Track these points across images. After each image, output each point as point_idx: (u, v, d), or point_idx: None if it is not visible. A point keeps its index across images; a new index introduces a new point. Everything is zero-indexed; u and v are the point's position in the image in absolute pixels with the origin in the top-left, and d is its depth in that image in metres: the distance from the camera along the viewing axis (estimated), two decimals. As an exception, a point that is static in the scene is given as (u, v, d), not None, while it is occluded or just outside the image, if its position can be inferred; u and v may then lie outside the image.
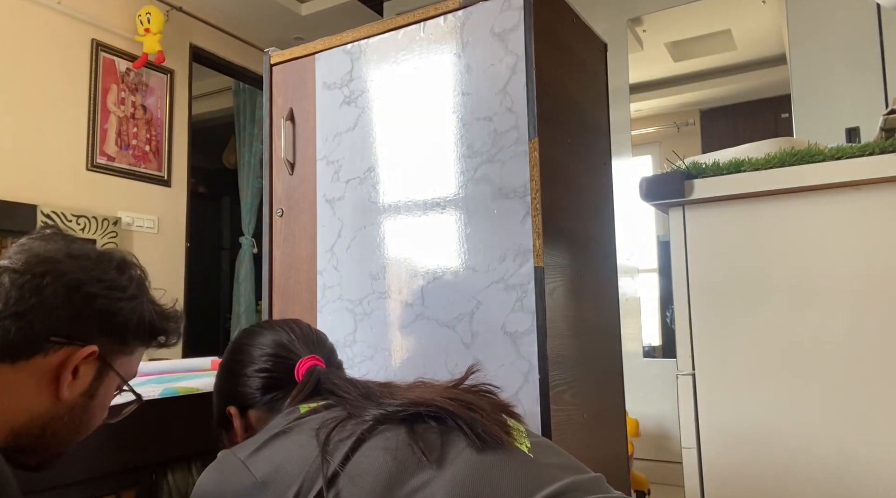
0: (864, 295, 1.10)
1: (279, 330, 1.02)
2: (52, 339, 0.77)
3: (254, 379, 0.97)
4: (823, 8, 2.69)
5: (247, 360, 0.99)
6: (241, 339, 1.04)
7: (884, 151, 1.08)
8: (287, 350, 0.99)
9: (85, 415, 0.83)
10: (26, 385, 0.76)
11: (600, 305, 1.42)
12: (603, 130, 1.52)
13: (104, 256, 0.86)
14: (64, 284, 0.78)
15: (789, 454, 1.13)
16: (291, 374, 0.95)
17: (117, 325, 0.82)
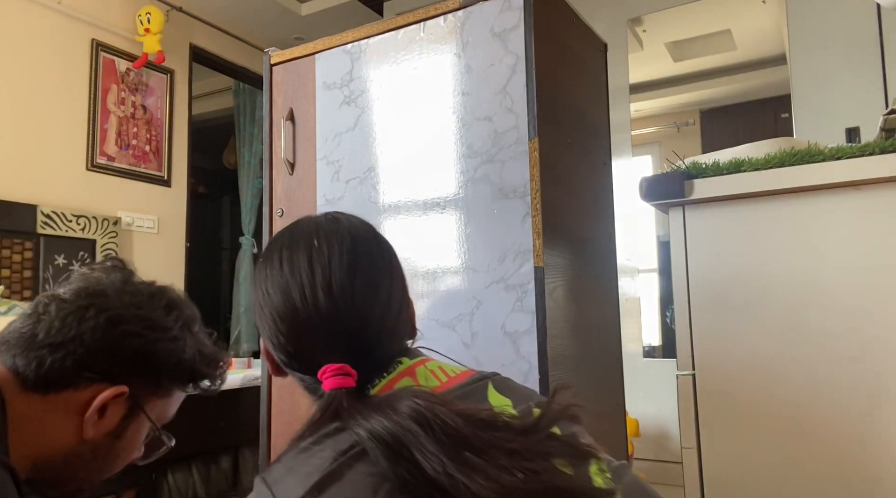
0: (864, 294, 1.10)
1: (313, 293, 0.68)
2: (84, 374, 0.75)
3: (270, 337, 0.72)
4: (823, 8, 2.69)
5: (260, 311, 0.73)
6: (267, 264, 0.74)
7: (884, 151, 1.08)
8: (303, 336, 0.69)
9: (109, 455, 0.80)
10: (54, 418, 0.75)
11: (600, 305, 1.42)
12: (603, 130, 1.52)
13: (156, 294, 0.83)
14: (105, 319, 0.76)
15: (789, 454, 1.13)
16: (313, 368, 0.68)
17: (152, 366, 0.79)
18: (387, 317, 0.72)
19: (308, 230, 0.74)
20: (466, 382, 0.70)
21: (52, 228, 2.82)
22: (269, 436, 1.47)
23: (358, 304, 0.69)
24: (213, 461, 2.24)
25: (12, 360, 0.75)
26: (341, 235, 0.73)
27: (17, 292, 2.71)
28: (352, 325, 0.69)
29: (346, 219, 0.77)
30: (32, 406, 0.74)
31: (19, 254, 2.72)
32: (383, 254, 0.76)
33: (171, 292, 0.86)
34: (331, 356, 0.67)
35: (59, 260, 2.84)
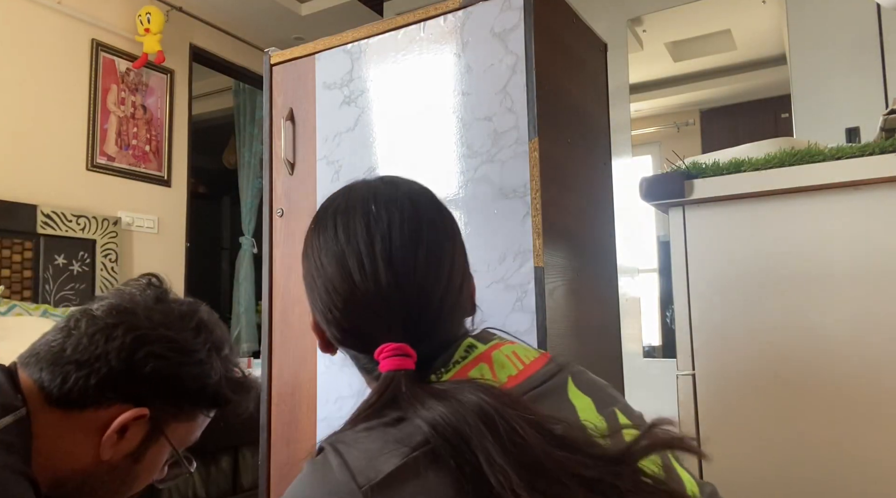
0: (865, 295, 1.10)
1: (373, 264, 0.63)
2: (106, 394, 0.74)
3: (324, 316, 0.67)
4: (823, 8, 2.69)
5: (311, 281, 0.67)
6: (319, 230, 0.68)
7: (884, 151, 1.08)
8: (360, 310, 0.63)
9: (127, 477, 0.79)
10: (74, 436, 0.74)
11: (600, 305, 1.42)
12: (603, 130, 1.52)
13: (186, 315, 0.81)
14: (132, 339, 0.75)
15: (789, 454, 1.13)
16: (369, 346, 0.63)
17: (175, 389, 0.78)
18: (449, 292, 0.65)
19: (364, 195, 0.68)
20: (543, 373, 0.64)
21: (52, 228, 2.82)
22: (269, 436, 1.47)
23: (420, 276, 0.63)
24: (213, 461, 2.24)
25: (39, 373, 0.75)
26: (401, 202, 0.66)
27: (17, 292, 2.71)
28: (413, 300, 0.63)
29: (404, 183, 0.71)
30: (54, 422, 0.73)
31: (19, 254, 2.72)
32: (445, 222, 0.69)
33: (202, 313, 0.84)
34: (389, 334, 0.61)
35: (59, 260, 2.84)
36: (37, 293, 2.76)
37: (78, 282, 2.91)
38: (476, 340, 0.66)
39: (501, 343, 0.67)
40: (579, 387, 0.65)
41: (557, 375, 0.65)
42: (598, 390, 0.66)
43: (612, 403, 0.66)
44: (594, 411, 0.62)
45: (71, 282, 2.89)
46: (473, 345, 0.65)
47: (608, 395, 0.67)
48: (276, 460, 1.46)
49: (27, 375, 0.75)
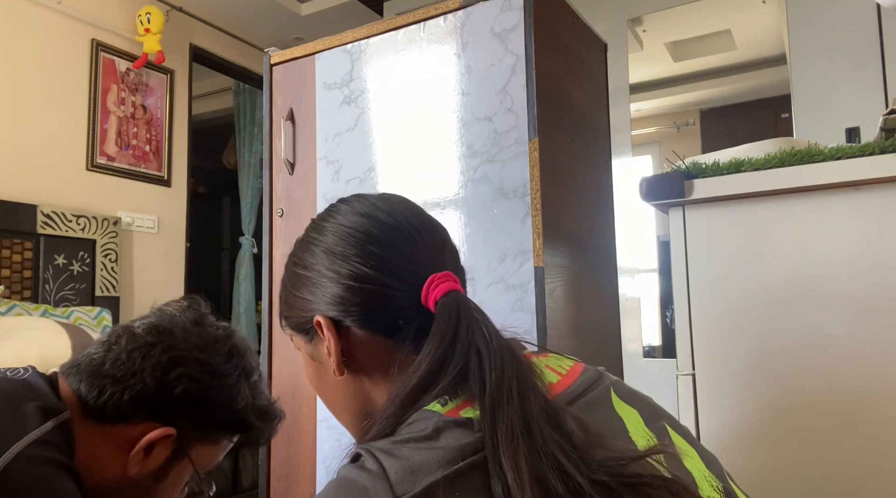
0: (864, 295, 1.10)
1: (395, 211, 0.67)
2: (138, 411, 0.76)
3: (351, 286, 0.63)
4: (823, 8, 2.69)
5: (341, 249, 0.65)
6: (331, 216, 0.69)
7: (884, 151, 1.08)
8: (414, 250, 0.64)
9: (149, 495, 0.80)
10: (104, 449, 0.76)
11: (600, 305, 1.42)
12: (603, 130, 1.52)
13: (221, 339, 0.83)
14: (167, 359, 0.77)
15: (789, 454, 1.13)
16: (415, 296, 0.61)
17: (203, 412, 0.80)
18: (457, 259, 0.71)
19: (369, 193, 0.72)
20: (584, 381, 0.61)
21: (52, 228, 2.82)
22: (269, 436, 1.47)
23: (437, 229, 0.70)
24: (213, 461, 2.23)
25: (78, 384, 0.77)
26: (405, 201, 0.72)
27: (17, 292, 2.71)
28: (438, 245, 0.68)
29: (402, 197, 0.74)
30: (87, 432, 0.75)
31: (19, 254, 2.72)
32: (438, 225, 0.74)
33: (236, 338, 0.87)
34: (434, 267, 0.63)
35: (59, 260, 2.84)
36: (37, 293, 2.76)
37: (78, 282, 2.91)
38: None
39: (534, 354, 0.66)
40: (623, 397, 0.62)
41: (598, 385, 0.62)
42: (641, 402, 0.64)
43: (660, 416, 0.63)
44: (643, 426, 0.59)
45: (71, 282, 2.89)
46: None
47: (653, 407, 0.64)
48: (276, 460, 1.46)
49: (67, 385, 0.78)
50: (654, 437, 0.58)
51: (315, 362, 0.69)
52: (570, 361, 0.66)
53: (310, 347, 0.68)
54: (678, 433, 0.61)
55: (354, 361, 0.64)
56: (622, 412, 0.60)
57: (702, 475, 0.57)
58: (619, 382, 0.65)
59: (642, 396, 0.65)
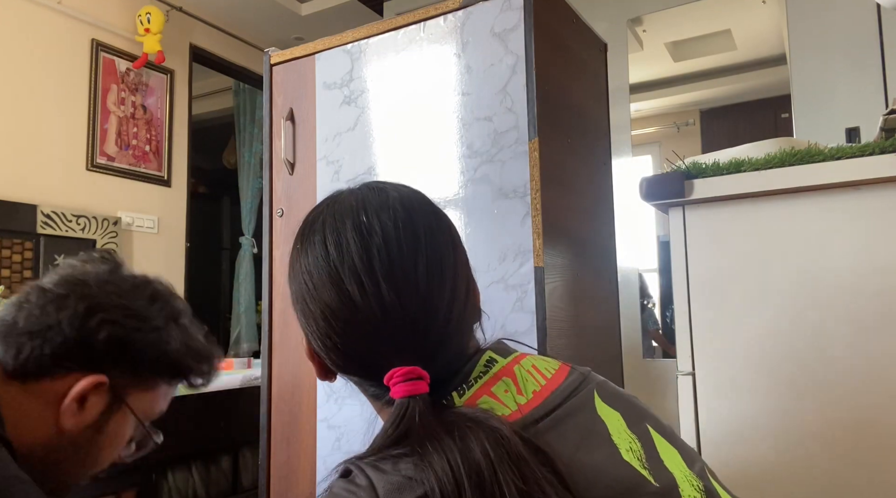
0: (865, 294, 1.10)
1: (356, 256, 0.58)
2: (63, 363, 0.73)
3: (323, 343, 0.61)
4: (823, 8, 2.69)
5: (309, 298, 0.61)
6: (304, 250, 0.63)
7: (884, 151, 1.08)
8: (364, 335, 0.58)
9: (92, 449, 0.77)
10: (33, 407, 0.73)
11: (600, 305, 1.42)
12: (603, 130, 1.52)
13: (140, 285, 0.81)
14: (84, 307, 0.74)
15: (789, 454, 1.13)
16: (377, 372, 0.58)
17: (132, 356, 0.77)
18: (456, 302, 0.60)
19: (352, 204, 0.61)
20: (568, 386, 0.60)
21: (52, 228, 2.82)
22: (269, 436, 1.47)
23: (424, 290, 0.58)
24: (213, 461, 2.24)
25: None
26: (393, 208, 0.60)
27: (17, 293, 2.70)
28: (420, 317, 0.57)
29: (393, 188, 0.64)
30: (14, 394, 0.73)
31: (19, 254, 2.72)
32: (444, 226, 0.63)
33: (157, 284, 0.84)
34: (398, 357, 0.56)
35: (59, 260, 2.84)
36: (37, 293, 2.76)
37: (78, 282, 2.91)
38: (495, 353, 0.63)
39: (521, 356, 0.64)
40: (605, 400, 0.61)
41: (582, 388, 0.61)
42: (625, 403, 0.63)
43: (643, 417, 0.62)
44: (625, 428, 0.59)
45: (71, 282, 2.88)
46: (493, 359, 0.62)
47: (636, 408, 0.63)
48: (276, 460, 1.46)
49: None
50: (636, 439, 0.58)
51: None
52: (556, 364, 0.64)
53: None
54: (661, 434, 0.61)
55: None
56: (604, 415, 0.59)
57: (683, 476, 0.57)
58: (604, 384, 0.64)
59: (627, 397, 0.64)
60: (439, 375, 0.58)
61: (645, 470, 0.54)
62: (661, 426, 0.63)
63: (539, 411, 0.57)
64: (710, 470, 0.62)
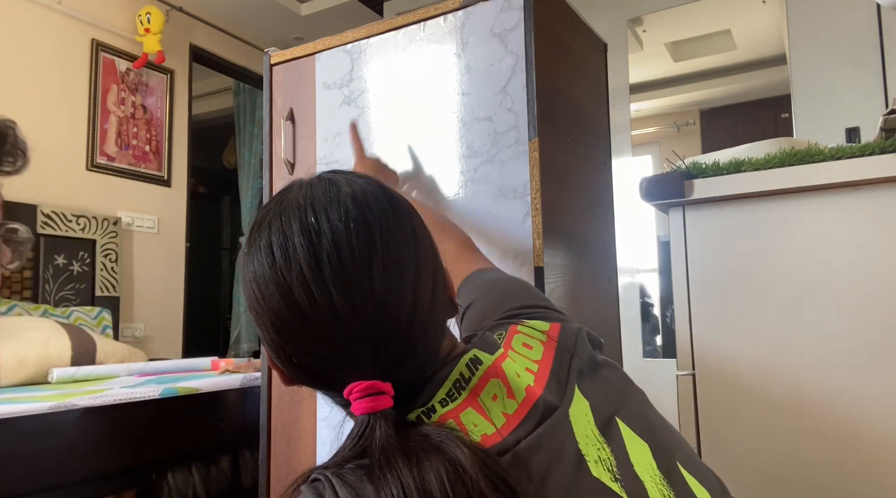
0: (865, 295, 1.10)
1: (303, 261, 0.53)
2: None
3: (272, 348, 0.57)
4: (823, 8, 2.69)
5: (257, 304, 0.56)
6: (245, 256, 0.58)
7: (884, 151, 1.08)
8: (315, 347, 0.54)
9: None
10: None
11: (600, 305, 1.42)
12: (603, 130, 1.52)
13: None
14: None
15: (790, 454, 1.13)
16: (335, 385, 0.55)
17: None
18: (419, 305, 0.55)
19: (299, 202, 0.56)
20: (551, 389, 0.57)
21: (52, 228, 2.82)
22: (268, 436, 1.47)
23: (380, 296, 0.53)
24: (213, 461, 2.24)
25: None
26: (344, 205, 0.55)
27: (17, 292, 2.71)
28: (377, 324, 0.53)
29: (346, 180, 0.58)
30: None
31: (19, 254, 2.72)
32: (401, 219, 0.57)
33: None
34: (356, 370, 0.52)
35: (59, 260, 2.84)
36: (37, 293, 2.76)
37: (78, 282, 2.91)
38: (480, 351, 0.58)
39: (507, 348, 0.59)
40: (582, 387, 0.58)
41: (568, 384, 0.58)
42: (599, 393, 0.59)
43: (614, 410, 0.58)
44: (593, 428, 0.56)
45: (71, 282, 2.89)
46: (478, 358, 0.57)
47: (609, 398, 0.60)
48: (276, 460, 1.46)
49: None
50: (604, 444, 0.55)
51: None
52: (542, 337, 0.60)
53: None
54: (630, 427, 0.58)
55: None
56: (575, 414, 0.56)
57: (653, 483, 0.54)
58: (587, 364, 0.61)
59: (604, 381, 0.61)
60: (408, 385, 0.54)
61: (615, 484, 0.52)
62: (634, 418, 0.59)
63: (521, 431, 0.53)
64: (690, 460, 0.60)
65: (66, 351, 2.14)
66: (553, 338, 0.62)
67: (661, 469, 0.56)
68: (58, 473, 1.50)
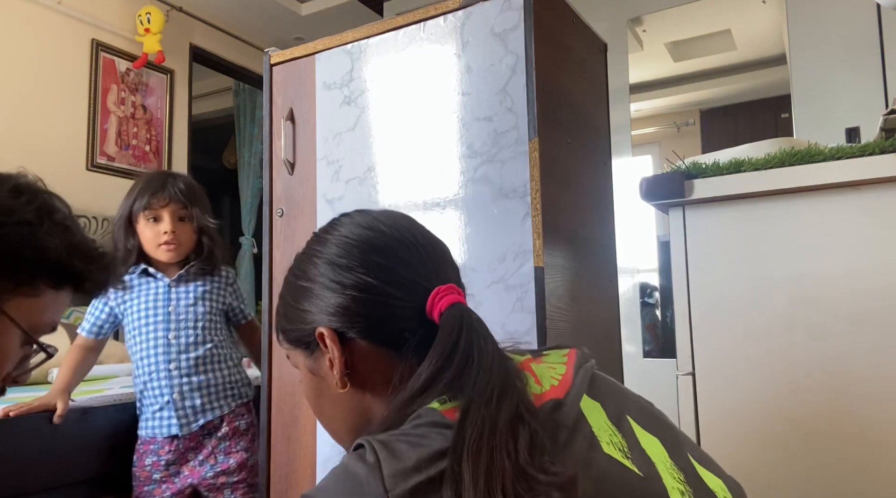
0: (864, 295, 1.10)
1: (398, 225, 0.68)
2: None
3: (356, 297, 0.64)
4: (823, 8, 2.69)
5: (345, 260, 0.65)
6: (334, 228, 0.70)
7: (884, 151, 1.08)
8: (418, 262, 0.65)
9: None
10: None
11: (600, 305, 1.42)
12: (603, 130, 1.52)
13: (2, 179, 0.71)
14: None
15: (789, 455, 1.13)
16: (420, 307, 0.63)
17: (2, 255, 0.66)
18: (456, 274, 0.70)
19: (352, 217, 0.72)
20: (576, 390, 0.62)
21: (52, 228, 2.82)
22: (269, 436, 1.47)
23: (440, 244, 0.70)
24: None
25: None
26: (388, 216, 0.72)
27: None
28: (440, 250, 0.69)
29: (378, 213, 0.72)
30: None
31: (19, 254, 2.72)
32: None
33: (20, 178, 0.74)
34: (436, 278, 0.64)
35: None
36: (37, 293, 2.76)
37: (78, 282, 2.91)
38: (512, 353, 0.66)
39: (533, 359, 0.66)
40: (590, 393, 0.63)
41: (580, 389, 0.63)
42: (609, 395, 0.65)
43: (624, 409, 0.63)
44: (605, 419, 0.61)
45: (71, 282, 2.88)
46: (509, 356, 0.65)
47: (619, 399, 0.65)
48: (276, 460, 1.46)
49: None
50: (616, 432, 0.59)
51: (315, 377, 0.68)
52: (563, 366, 0.65)
53: (310, 361, 0.68)
54: (639, 424, 0.63)
55: (357, 374, 0.64)
56: (586, 409, 0.61)
57: (665, 467, 0.59)
58: (595, 377, 0.66)
59: (615, 387, 0.67)
60: None
61: (627, 460, 0.56)
62: (641, 415, 0.64)
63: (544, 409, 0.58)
64: (699, 454, 0.64)
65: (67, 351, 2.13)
66: (571, 368, 0.66)
67: (672, 459, 0.60)
68: (58, 474, 1.50)
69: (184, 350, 1.54)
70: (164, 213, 1.57)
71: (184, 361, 1.54)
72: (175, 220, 1.58)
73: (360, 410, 0.66)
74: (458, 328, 0.59)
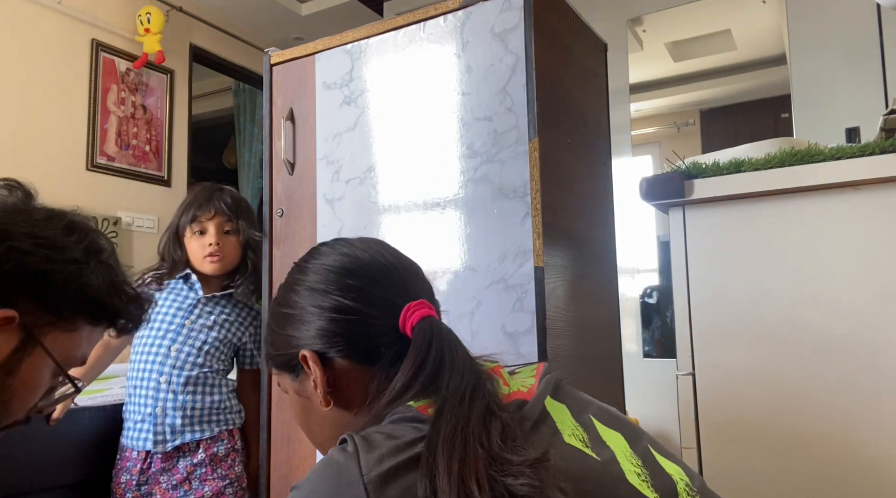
0: (864, 294, 1.10)
1: (371, 249, 0.74)
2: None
3: (334, 318, 0.69)
4: (823, 8, 2.69)
5: (323, 285, 0.71)
6: (313, 257, 0.75)
7: (884, 151, 1.08)
8: (390, 282, 0.71)
9: (3, 394, 0.68)
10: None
11: (600, 305, 1.42)
12: (603, 130, 1.52)
13: (55, 216, 0.73)
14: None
15: (789, 455, 1.13)
16: (394, 323, 0.68)
17: (46, 289, 0.68)
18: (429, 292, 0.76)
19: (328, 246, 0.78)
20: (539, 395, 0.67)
21: (52, 228, 2.82)
22: (269, 436, 1.47)
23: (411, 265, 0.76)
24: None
25: None
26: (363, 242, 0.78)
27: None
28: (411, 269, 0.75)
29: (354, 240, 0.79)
30: None
31: (19, 254, 2.72)
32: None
33: (74, 216, 0.75)
34: (409, 296, 0.69)
35: None
36: (37, 293, 2.76)
37: (78, 282, 2.91)
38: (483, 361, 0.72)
39: (501, 366, 0.73)
40: (554, 396, 0.68)
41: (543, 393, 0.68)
42: (572, 398, 0.70)
43: (585, 409, 0.69)
44: (570, 417, 0.66)
45: (71, 282, 2.88)
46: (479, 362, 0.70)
47: (582, 401, 0.71)
48: (276, 460, 1.46)
49: None
50: (578, 426, 0.65)
51: (302, 398, 0.73)
52: (532, 379, 0.70)
53: (296, 384, 0.73)
54: (601, 422, 0.68)
55: (339, 392, 0.70)
56: (552, 408, 0.66)
57: (623, 454, 0.64)
58: (559, 384, 0.71)
59: (575, 393, 0.73)
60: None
61: (587, 448, 0.62)
62: (603, 413, 0.70)
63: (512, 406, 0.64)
64: (659, 446, 0.69)
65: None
66: (536, 378, 0.71)
67: (632, 448, 0.66)
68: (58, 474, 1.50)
69: (179, 366, 1.50)
70: (209, 226, 1.56)
71: (175, 377, 1.49)
72: (220, 232, 1.57)
73: (344, 425, 0.70)
74: (428, 339, 0.65)
